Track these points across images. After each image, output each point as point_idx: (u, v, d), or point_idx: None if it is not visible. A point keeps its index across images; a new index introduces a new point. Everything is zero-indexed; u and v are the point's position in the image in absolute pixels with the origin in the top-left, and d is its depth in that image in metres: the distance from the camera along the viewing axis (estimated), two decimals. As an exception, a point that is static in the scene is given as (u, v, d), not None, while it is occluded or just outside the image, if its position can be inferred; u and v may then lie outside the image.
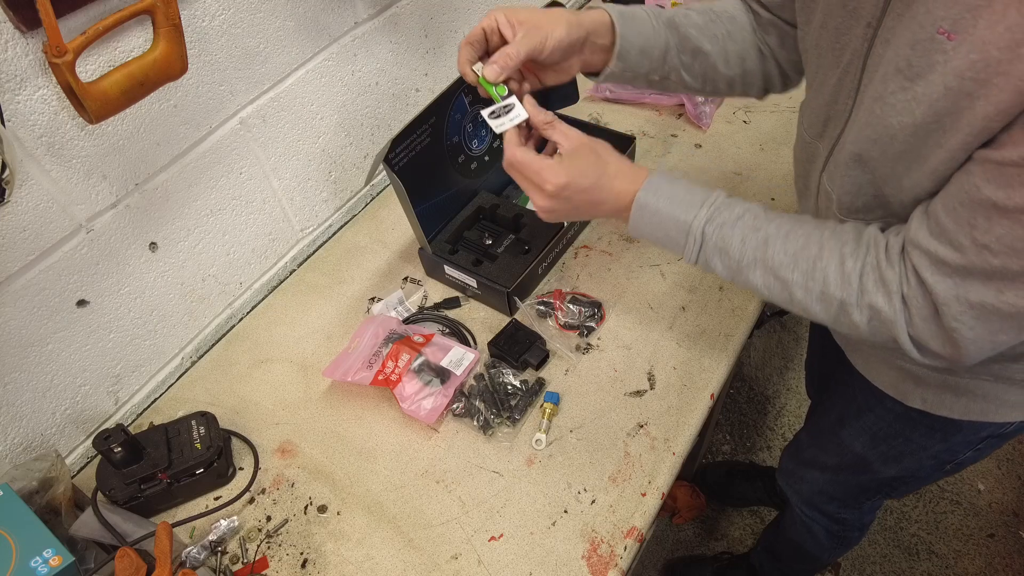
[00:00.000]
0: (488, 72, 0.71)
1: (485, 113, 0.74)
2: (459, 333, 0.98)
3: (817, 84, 0.70)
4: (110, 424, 0.94)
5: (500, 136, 0.74)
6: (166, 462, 0.81)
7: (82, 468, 0.93)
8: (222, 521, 0.81)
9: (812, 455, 1.11)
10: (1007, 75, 0.46)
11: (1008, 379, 0.72)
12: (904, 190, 0.61)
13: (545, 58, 0.72)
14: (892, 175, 0.61)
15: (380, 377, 0.89)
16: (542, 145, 0.76)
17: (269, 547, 0.81)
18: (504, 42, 0.72)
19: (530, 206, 1.11)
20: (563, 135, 0.71)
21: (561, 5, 1.02)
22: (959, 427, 0.80)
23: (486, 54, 0.74)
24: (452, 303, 1.03)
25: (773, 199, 1.10)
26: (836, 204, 0.69)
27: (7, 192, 0.66)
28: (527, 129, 0.75)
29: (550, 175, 0.69)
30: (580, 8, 1.60)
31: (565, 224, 1.02)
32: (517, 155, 0.70)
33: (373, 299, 1.06)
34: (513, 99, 0.73)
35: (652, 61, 0.78)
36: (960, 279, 0.53)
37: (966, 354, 0.57)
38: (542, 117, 0.72)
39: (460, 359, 0.91)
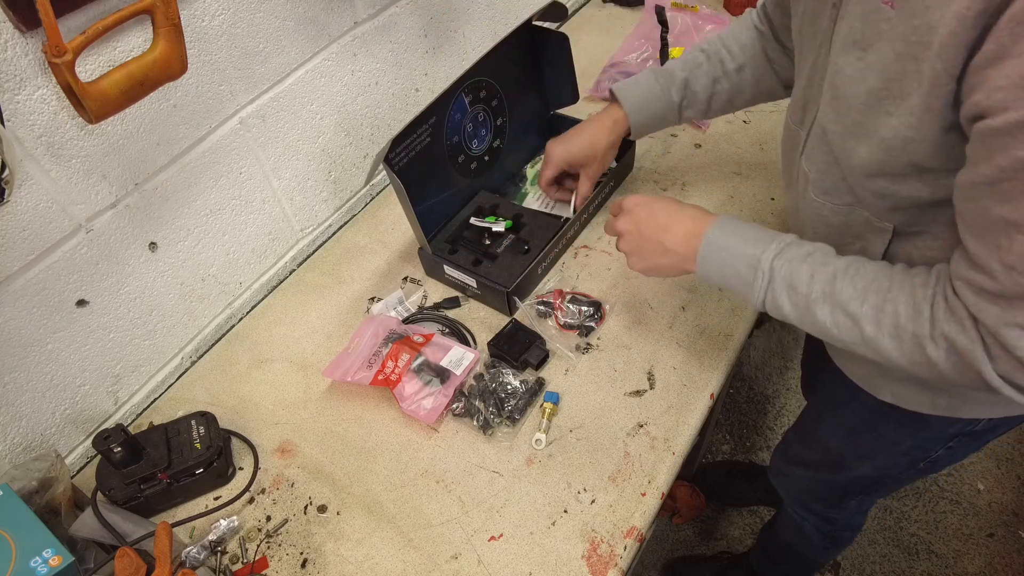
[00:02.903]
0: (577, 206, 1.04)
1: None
2: (459, 333, 0.98)
3: (800, 71, 0.73)
4: (110, 424, 0.94)
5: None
6: (166, 462, 0.81)
7: (82, 468, 0.93)
8: (222, 521, 0.81)
9: (797, 452, 1.12)
10: (938, 33, 0.48)
11: None
12: (855, 168, 0.62)
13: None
14: (844, 150, 0.62)
15: (380, 377, 0.89)
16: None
17: (269, 547, 0.81)
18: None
19: (531, 205, 1.12)
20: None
21: (563, 6, 1.02)
22: (927, 422, 0.80)
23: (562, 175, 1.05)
24: (452, 303, 1.03)
25: (773, 199, 1.10)
26: (812, 186, 0.71)
27: (7, 192, 0.66)
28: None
29: (630, 197, 0.81)
30: (579, 8, 1.60)
31: (564, 223, 1.02)
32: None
33: (373, 299, 1.06)
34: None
35: (669, 121, 0.98)
36: (1006, 304, 0.51)
37: None
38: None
39: (460, 359, 0.91)
